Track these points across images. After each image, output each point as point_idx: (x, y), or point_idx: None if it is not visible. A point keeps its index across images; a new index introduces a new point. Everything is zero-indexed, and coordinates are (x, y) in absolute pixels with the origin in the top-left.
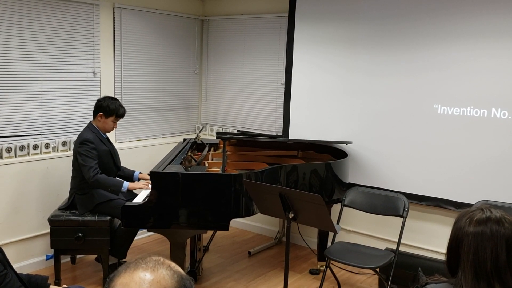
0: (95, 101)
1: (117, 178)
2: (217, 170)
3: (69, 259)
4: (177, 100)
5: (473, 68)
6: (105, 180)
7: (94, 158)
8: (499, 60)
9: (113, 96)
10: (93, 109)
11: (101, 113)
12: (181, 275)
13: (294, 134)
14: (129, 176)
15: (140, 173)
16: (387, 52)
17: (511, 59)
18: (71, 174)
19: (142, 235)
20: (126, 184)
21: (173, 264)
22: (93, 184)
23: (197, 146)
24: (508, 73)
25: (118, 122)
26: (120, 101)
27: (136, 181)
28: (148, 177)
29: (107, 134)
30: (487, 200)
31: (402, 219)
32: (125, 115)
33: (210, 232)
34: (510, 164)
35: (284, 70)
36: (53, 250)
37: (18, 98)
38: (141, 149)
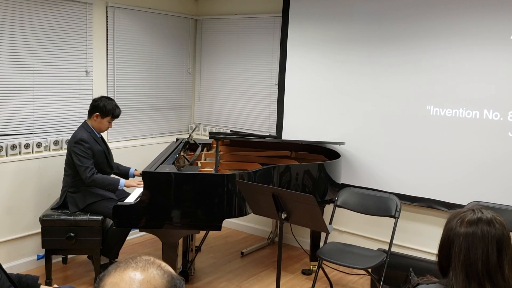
0: (90, 101)
1: (112, 176)
2: (210, 170)
3: (60, 259)
4: (170, 99)
5: (466, 70)
6: (102, 179)
7: (89, 158)
8: (491, 61)
9: (106, 95)
10: (88, 108)
11: (98, 113)
12: (171, 274)
13: (287, 134)
14: (125, 173)
15: (135, 170)
16: (380, 54)
17: (503, 61)
18: (63, 173)
19: (134, 235)
20: (123, 182)
21: (163, 264)
22: (90, 184)
23: (190, 146)
24: (500, 75)
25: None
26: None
27: (131, 178)
28: None
29: (101, 133)
30: (478, 201)
31: (394, 219)
32: None
33: (202, 232)
34: (502, 165)
35: (278, 71)
36: (44, 250)
37: (10, 97)
38: (134, 149)
